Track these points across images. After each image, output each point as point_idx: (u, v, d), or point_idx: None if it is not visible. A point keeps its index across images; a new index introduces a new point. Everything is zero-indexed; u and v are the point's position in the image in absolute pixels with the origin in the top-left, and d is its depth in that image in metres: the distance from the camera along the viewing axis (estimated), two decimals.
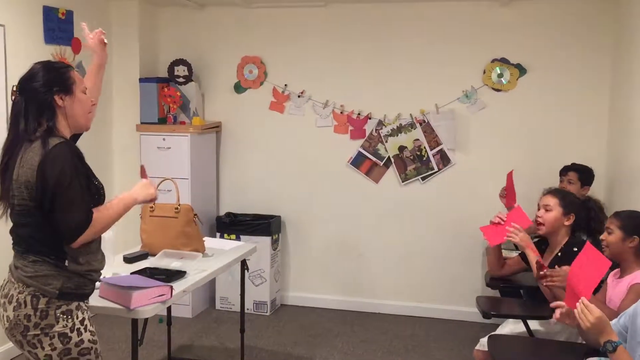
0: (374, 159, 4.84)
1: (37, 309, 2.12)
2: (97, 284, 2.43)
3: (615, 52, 4.31)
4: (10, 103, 3.55)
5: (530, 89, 4.54)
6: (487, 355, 2.99)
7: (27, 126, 2.15)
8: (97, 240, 2.31)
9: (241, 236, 4.74)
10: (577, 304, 2.13)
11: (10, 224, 2.24)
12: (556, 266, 2.97)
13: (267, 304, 4.86)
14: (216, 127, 5.03)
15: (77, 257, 2.19)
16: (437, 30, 4.65)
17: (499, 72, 4.57)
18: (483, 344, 3.09)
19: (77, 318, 2.19)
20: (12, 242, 2.23)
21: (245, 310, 3.82)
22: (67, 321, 2.16)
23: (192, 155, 4.69)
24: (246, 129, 5.05)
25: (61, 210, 2.08)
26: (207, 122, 4.96)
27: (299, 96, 4.92)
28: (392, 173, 4.82)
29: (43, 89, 2.18)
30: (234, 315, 4.67)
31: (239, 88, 5.02)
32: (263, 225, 4.80)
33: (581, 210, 3.20)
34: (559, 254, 3.13)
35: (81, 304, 2.23)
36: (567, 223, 3.14)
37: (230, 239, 4.62)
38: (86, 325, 2.22)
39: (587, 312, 2.08)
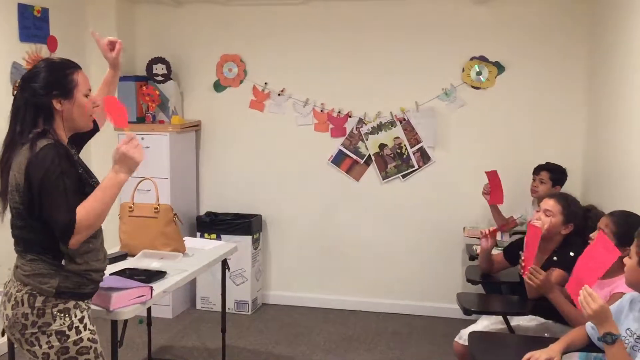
0: (354, 157, 4.84)
1: (34, 308, 2.12)
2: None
3: (591, 49, 4.36)
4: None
5: (509, 86, 4.58)
6: (466, 348, 3.02)
7: (22, 127, 2.13)
8: (98, 240, 2.28)
9: (222, 235, 4.72)
10: (581, 291, 2.14)
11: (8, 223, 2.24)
12: (552, 269, 2.97)
13: (248, 303, 4.84)
14: (196, 126, 5.00)
15: (74, 257, 2.16)
16: (417, 28, 4.66)
17: (477, 70, 4.60)
18: (462, 336, 3.11)
19: (76, 316, 2.17)
20: (13, 242, 2.23)
21: (227, 310, 3.80)
22: (64, 319, 2.14)
23: (172, 155, 4.65)
24: (226, 128, 5.02)
25: (47, 213, 2.05)
26: (187, 121, 4.93)
27: (279, 94, 4.90)
28: (372, 171, 4.83)
29: (42, 92, 2.14)
30: (215, 315, 4.65)
31: (218, 86, 4.99)
32: (244, 224, 4.78)
33: (581, 220, 3.10)
34: (555, 257, 3.06)
35: (80, 302, 2.20)
36: (564, 232, 3.07)
37: (210, 239, 4.61)
38: (86, 323, 2.19)
39: (589, 299, 2.10)
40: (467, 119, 4.66)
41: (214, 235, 4.75)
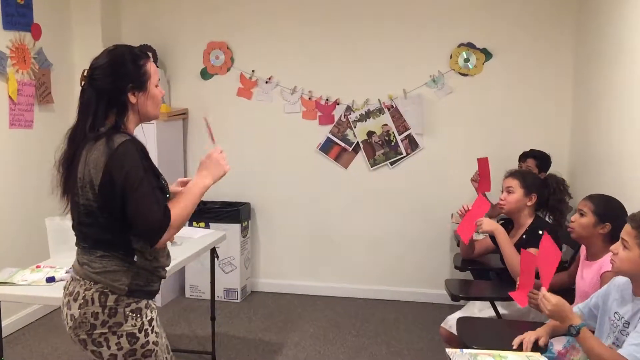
0: (342, 144, 4.84)
1: (106, 307, 2.01)
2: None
3: (578, 36, 4.38)
4: None
5: (496, 73, 4.59)
6: (452, 334, 3.05)
7: (94, 121, 2.01)
8: None
9: (210, 224, 4.71)
10: (540, 293, 2.28)
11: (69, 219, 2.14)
12: (530, 249, 3.01)
13: (237, 291, 4.85)
14: (183, 114, 4.97)
15: (145, 253, 2.07)
16: (404, 15, 4.65)
17: (465, 56, 4.61)
18: (448, 321, 3.14)
19: (146, 317, 2.08)
20: (76, 238, 2.12)
21: (216, 298, 3.81)
22: (136, 320, 2.04)
23: (159, 143, 4.62)
24: (214, 116, 4.99)
25: (136, 212, 1.94)
26: (174, 109, 4.90)
27: (266, 82, 4.88)
28: (361, 158, 4.84)
29: (115, 85, 2.04)
30: (204, 303, 4.65)
31: (205, 74, 4.96)
32: (232, 212, 4.77)
33: (542, 189, 3.28)
34: (524, 236, 3.20)
35: (150, 302, 2.11)
36: (529, 203, 3.23)
37: (199, 227, 4.59)
38: (153, 326, 2.10)
39: (545, 300, 2.24)
40: (454, 105, 4.67)
41: (202, 224, 4.74)
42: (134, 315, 2.04)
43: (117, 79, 2.04)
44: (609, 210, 2.69)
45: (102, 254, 2.03)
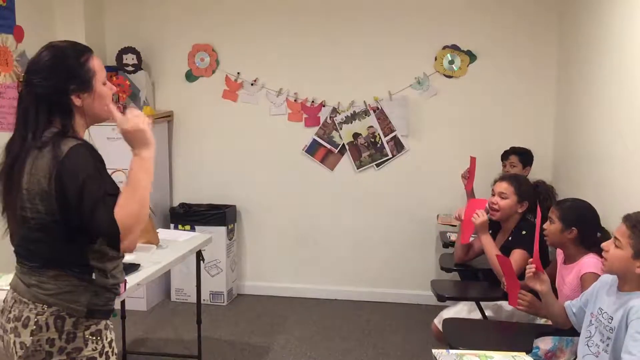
0: (328, 146, 4.84)
1: (63, 332, 1.82)
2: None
3: (561, 37, 4.42)
4: None
5: (481, 75, 4.62)
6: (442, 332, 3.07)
7: (36, 128, 1.80)
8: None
9: (196, 227, 4.68)
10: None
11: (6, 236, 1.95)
12: (514, 250, 3.09)
13: (223, 294, 4.83)
14: (168, 117, 4.94)
15: (105, 269, 1.89)
16: (390, 17, 4.67)
17: (450, 58, 4.63)
18: (441, 318, 3.16)
19: (106, 339, 1.91)
20: (19, 257, 1.91)
21: (202, 301, 3.78)
22: (96, 344, 1.87)
23: None
24: (199, 118, 4.97)
25: (89, 221, 1.74)
26: (158, 112, 4.87)
27: (252, 84, 4.87)
28: (347, 160, 4.84)
29: (56, 89, 1.81)
30: (190, 306, 4.62)
31: (190, 76, 4.93)
32: (218, 215, 4.75)
33: (534, 196, 3.29)
34: (510, 237, 3.23)
35: (108, 322, 1.94)
36: (520, 210, 3.25)
37: (184, 230, 4.57)
38: (113, 348, 1.95)
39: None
40: (439, 107, 4.69)
41: (187, 227, 4.72)
42: (94, 338, 1.87)
43: (57, 82, 1.82)
44: (573, 215, 2.72)
45: (55, 273, 1.83)
